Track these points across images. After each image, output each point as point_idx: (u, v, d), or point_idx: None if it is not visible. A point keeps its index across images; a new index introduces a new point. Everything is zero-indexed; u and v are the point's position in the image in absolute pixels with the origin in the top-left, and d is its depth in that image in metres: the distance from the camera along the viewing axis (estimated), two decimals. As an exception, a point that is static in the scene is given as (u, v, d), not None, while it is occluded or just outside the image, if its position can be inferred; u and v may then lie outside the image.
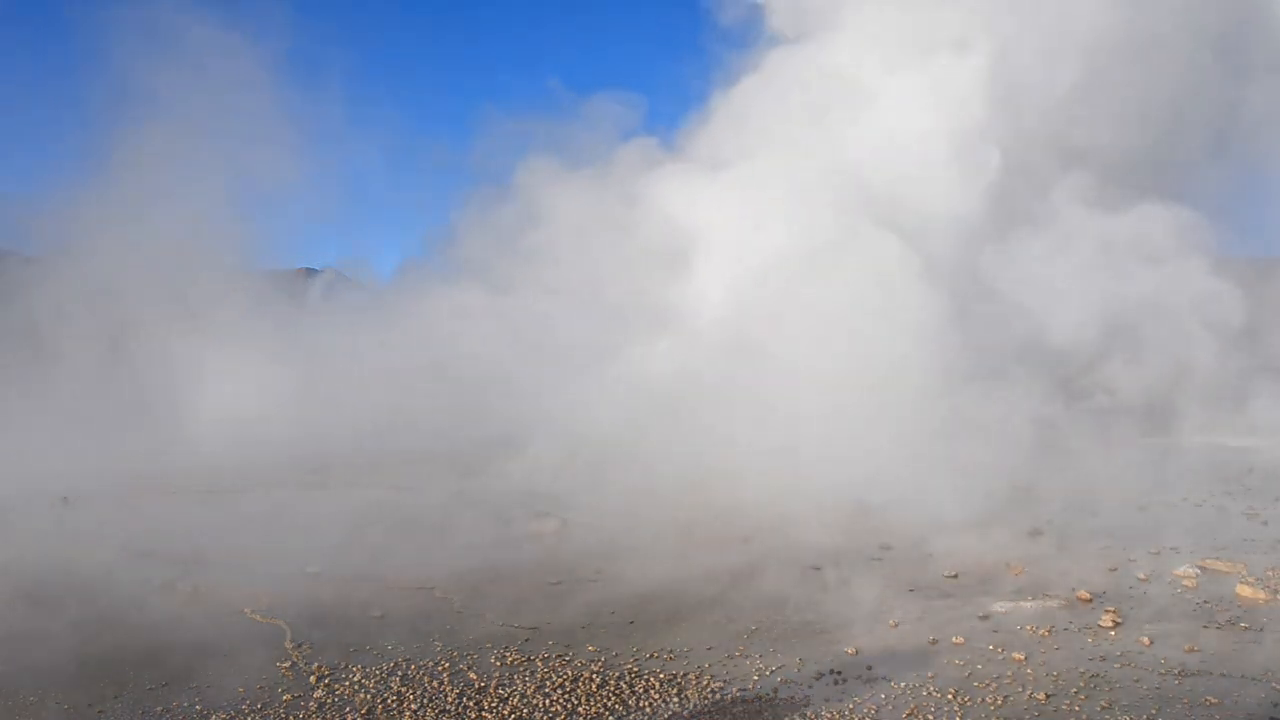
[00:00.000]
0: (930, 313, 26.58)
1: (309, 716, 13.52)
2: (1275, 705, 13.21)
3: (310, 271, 67.15)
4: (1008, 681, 14.15)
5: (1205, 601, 17.32)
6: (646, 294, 30.35)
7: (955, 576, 18.99)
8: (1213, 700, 13.43)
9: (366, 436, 33.10)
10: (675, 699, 13.79)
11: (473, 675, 14.76)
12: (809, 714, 13.31)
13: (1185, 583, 18.26)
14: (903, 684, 14.15)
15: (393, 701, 13.90)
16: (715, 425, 25.57)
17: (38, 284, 34.28)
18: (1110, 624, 16.22)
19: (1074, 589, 18.02)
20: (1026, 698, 13.63)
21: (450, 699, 13.96)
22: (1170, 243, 32.39)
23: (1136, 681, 14.12)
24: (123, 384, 33.94)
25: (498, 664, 15.11)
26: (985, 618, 16.75)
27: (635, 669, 14.89)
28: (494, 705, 13.72)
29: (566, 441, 27.40)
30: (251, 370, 34.19)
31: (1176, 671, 14.36)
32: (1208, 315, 32.34)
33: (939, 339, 25.84)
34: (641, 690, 14.10)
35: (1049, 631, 16.04)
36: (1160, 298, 31.94)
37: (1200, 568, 18.94)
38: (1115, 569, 19.25)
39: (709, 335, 28.27)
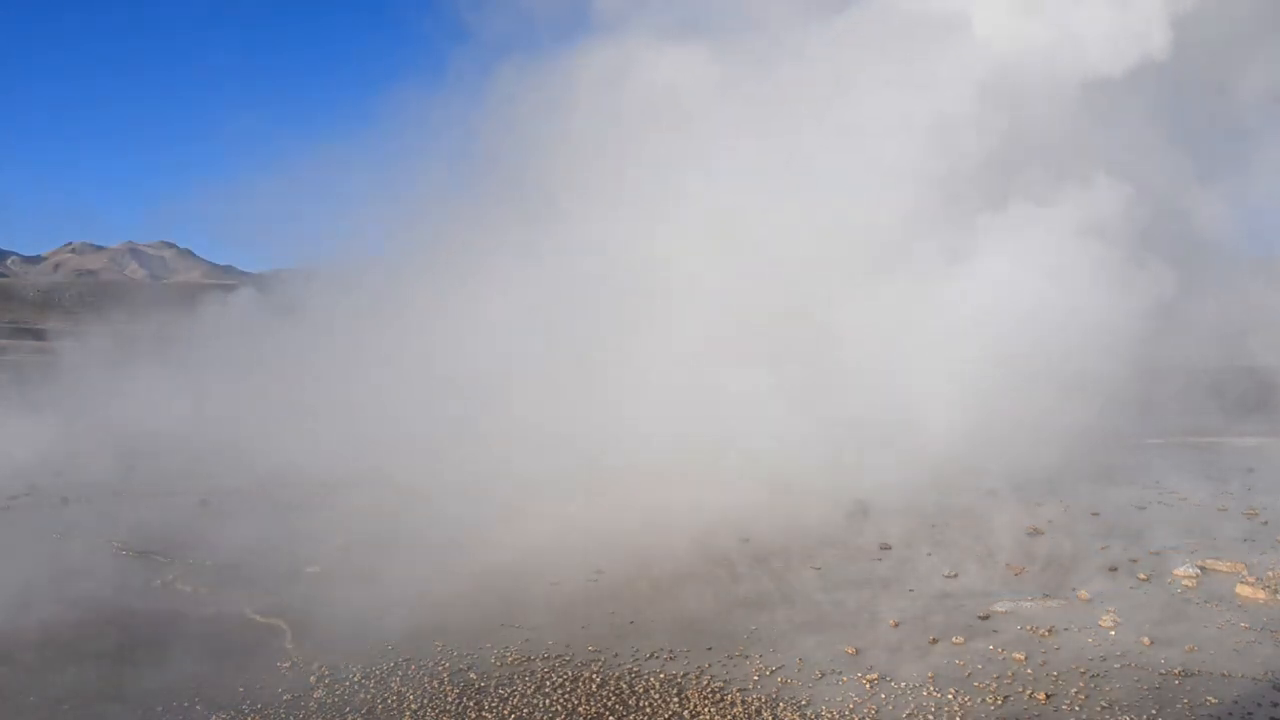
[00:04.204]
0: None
1: (309, 716, 13.56)
2: (1275, 705, 13.24)
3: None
4: (1008, 681, 14.18)
5: (1205, 601, 17.35)
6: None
7: (955, 576, 18.99)
8: (1213, 700, 13.45)
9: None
10: (675, 699, 13.83)
11: (473, 675, 14.77)
12: (809, 714, 13.34)
13: (1185, 583, 18.26)
14: (903, 684, 14.17)
15: (393, 701, 13.93)
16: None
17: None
18: (1110, 624, 16.22)
19: (1074, 589, 18.04)
20: (1026, 698, 13.66)
21: (450, 699, 14.00)
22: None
23: (1136, 681, 14.13)
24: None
25: (498, 664, 15.13)
26: (985, 618, 16.76)
27: (635, 669, 14.94)
28: (494, 705, 13.77)
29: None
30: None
31: (1176, 671, 14.39)
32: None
33: None
34: (641, 690, 14.14)
35: (1049, 631, 16.05)
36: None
37: (1200, 568, 18.93)
38: (1115, 569, 19.26)
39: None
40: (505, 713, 13.39)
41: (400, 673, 14.66)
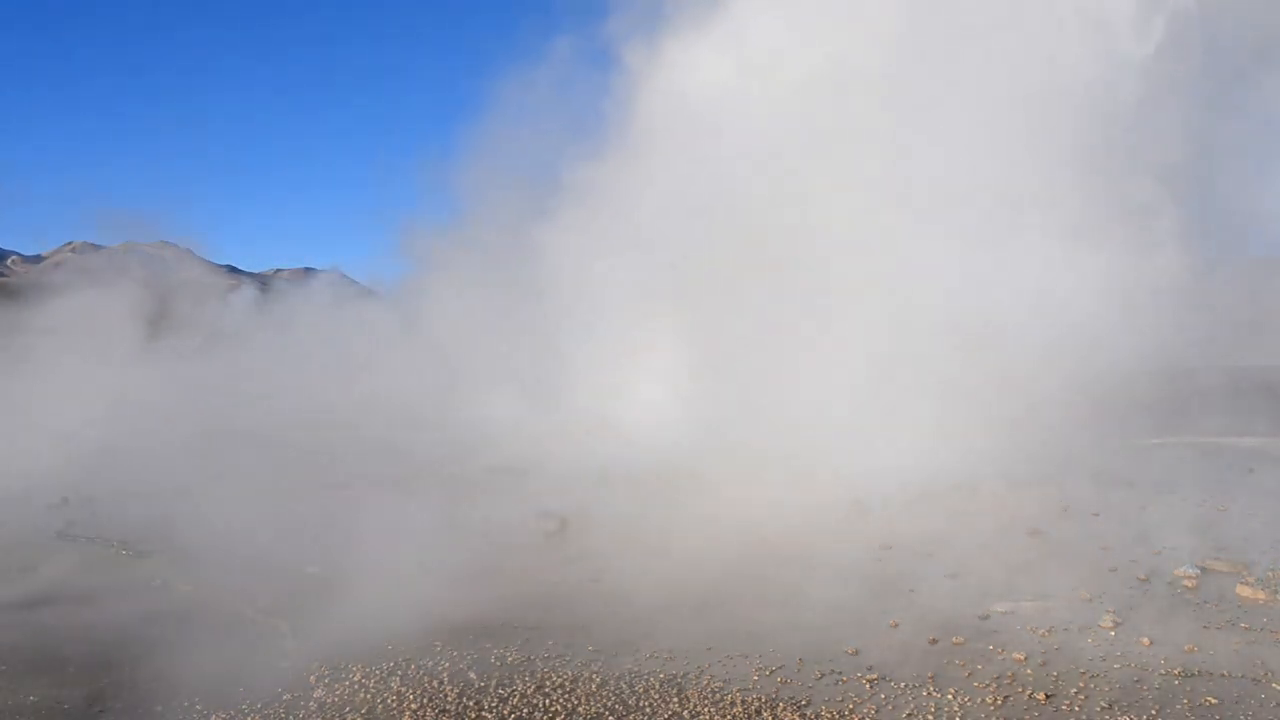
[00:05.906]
0: None
1: (309, 716, 13.55)
2: (1276, 706, 13.23)
3: (310, 270, 68.05)
4: (1008, 681, 14.18)
5: (1205, 601, 17.33)
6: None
7: (955, 576, 18.97)
8: (1213, 700, 13.45)
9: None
10: (675, 699, 13.82)
11: (473, 675, 14.77)
12: (809, 714, 13.35)
13: (1185, 583, 18.25)
14: (903, 684, 14.17)
15: (393, 701, 13.92)
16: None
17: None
18: (1110, 624, 16.22)
19: (1074, 589, 18.01)
20: (1026, 698, 13.65)
21: (450, 699, 14.00)
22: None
23: (1136, 681, 14.13)
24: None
25: (498, 664, 15.13)
26: (985, 618, 16.74)
27: (635, 669, 14.93)
28: (494, 705, 13.77)
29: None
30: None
31: (1176, 671, 14.38)
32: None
33: None
34: (641, 690, 14.14)
35: (1049, 631, 16.04)
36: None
37: (1200, 568, 18.92)
38: (1115, 569, 19.24)
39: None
40: (505, 713, 13.39)
41: (400, 673, 14.66)
